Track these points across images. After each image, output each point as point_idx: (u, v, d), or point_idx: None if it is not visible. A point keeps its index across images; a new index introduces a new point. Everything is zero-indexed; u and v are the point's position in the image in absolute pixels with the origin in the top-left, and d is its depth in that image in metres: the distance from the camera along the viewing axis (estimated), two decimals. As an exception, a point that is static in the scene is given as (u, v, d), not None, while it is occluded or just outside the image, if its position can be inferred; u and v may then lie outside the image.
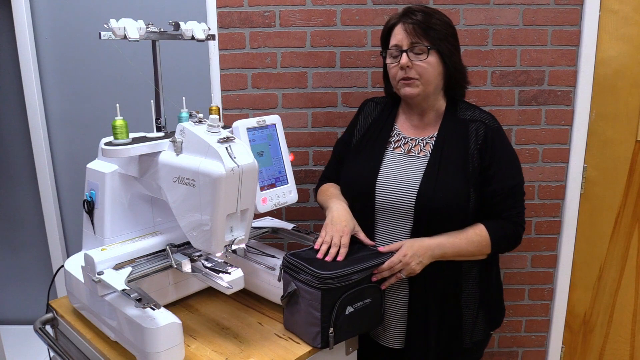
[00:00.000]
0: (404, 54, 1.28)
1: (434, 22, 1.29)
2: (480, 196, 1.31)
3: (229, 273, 1.09)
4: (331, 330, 1.15)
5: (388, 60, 1.34)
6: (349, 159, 1.44)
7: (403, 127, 1.41)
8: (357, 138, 1.46)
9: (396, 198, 1.30)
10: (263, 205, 1.24)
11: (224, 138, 1.04)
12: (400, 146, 1.38)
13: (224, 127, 1.16)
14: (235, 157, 1.02)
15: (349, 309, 1.17)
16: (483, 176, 1.31)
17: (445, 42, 1.30)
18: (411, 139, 1.37)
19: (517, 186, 1.35)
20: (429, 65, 1.28)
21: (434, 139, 1.35)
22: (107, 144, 1.14)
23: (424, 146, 1.35)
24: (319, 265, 1.17)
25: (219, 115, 1.19)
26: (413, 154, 1.35)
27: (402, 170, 1.34)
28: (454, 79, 1.34)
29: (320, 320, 1.14)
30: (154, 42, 1.24)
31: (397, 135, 1.40)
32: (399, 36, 1.30)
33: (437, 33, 1.28)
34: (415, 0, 1.81)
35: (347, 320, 1.17)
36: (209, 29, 1.30)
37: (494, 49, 1.85)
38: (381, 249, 1.28)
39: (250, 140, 1.22)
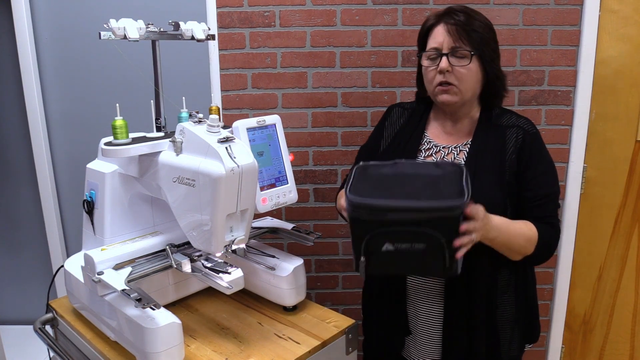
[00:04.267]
0: (444, 58, 1.20)
1: (477, 25, 1.21)
2: (517, 205, 1.23)
3: (229, 273, 1.09)
4: (362, 259, 1.04)
5: (425, 63, 1.25)
6: None
7: (434, 134, 1.33)
8: (384, 146, 1.38)
9: None
10: (263, 205, 1.24)
11: (224, 138, 1.04)
12: (432, 154, 1.30)
13: (224, 127, 1.16)
14: (235, 157, 1.02)
15: (388, 246, 1.03)
16: (521, 180, 1.22)
17: (487, 47, 1.22)
18: (443, 147, 1.29)
19: (557, 192, 1.28)
20: (470, 71, 1.21)
21: (468, 146, 1.27)
22: (107, 144, 1.14)
23: (457, 154, 1.28)
24: (370, 187, 1.03)
25: (219, 115, 1.19)
26: None
27: None
28: (493, 87, 1.26)
29: (352, 244, 1.05)
30: (154, 42, 1.24)
31: (427, 144, 1.32)
32: (439, 38, 1.22)
33: (480, 36, 1.20)
34: (416, 0, 1.81)
35: (385, 256, 1.03)
36: (209, 29, 1.30)
37: (494, 49, 1.85)
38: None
39: (250, 140, 1.22)
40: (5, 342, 1.95)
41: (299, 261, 1.32)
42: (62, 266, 1.32)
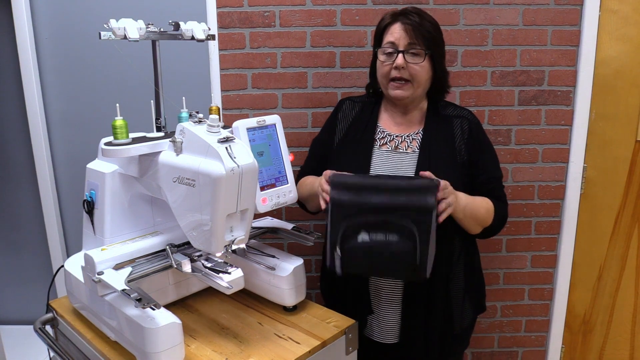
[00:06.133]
0: (400, 55, 1.29)
1: (428, 26, 1.31)
2: (470, 187, 1.35)
3: (229, 273, 1.09)
4: (338, 251, 1.09)
5: (382, 58, 1.34)
6: (333, 159, 1.44)
7: (386, 124, 1.43)
8: (339, 137, 1.46)
9: None
10: (263, 205, 1.24)
11: (224, 138, 1.04)
12: (386, 143, 1.39)
13: (224, 127, 1.16)
14: (235, 157, 1.02)
15: (364, 237, 1.07)
16: (473, 168, 1.36)
17: (437, 47, 1.33)
18: (396, 136, 1.39)
19: (501, 176, 1.44)
20: (423, 68, 1.31)
21: (420, 135, 1.38)
22: (107, 144, 1.14)
23: (410, 142, 1.37)
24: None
25: (219, 115, 1.19)
26: (401, 150, 1.37)
27: (393, 166, 1.35)
28: (440, 83, 1.39)
29: (329, 235, 1.10)
30: (154, 42, 1.24)
31: (381, 133, 1.41)
32: (396, 34, 1.31)
33: (431, 37, 1.31)
34: (416, 1, 1.82)
35: (360, 250, 1.08)
36: (209, 29, 1.30)
37: (494, 49, 1.85)
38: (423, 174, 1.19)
39: (250, 140, 1.22)
40: (5, 342, 1.95)
41: (299, 261, 1.32)
42: (62, 266, 1.32)
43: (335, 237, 1.10)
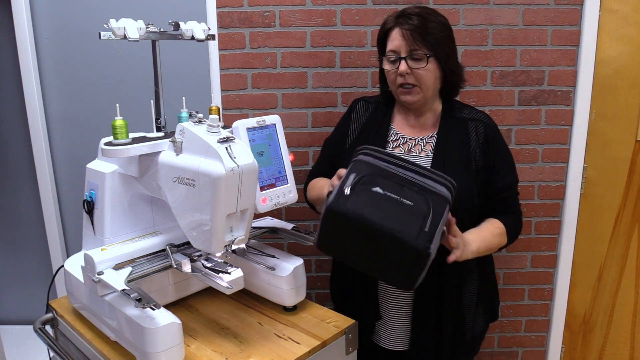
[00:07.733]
0: (403, 61, 1.26)
1: (431, 26, 1.27)
2: (484, 193, 1.32)
3: (229, 273, 1.09)
4: (347, 190, 1.04)
5: (386, 66, 1.32)
6: (345, 160, 1.42)
7: (399, 126, 1.40)
8: (351, 138, 1.44)
9: None
10: (263, 205, 1.24)
11: (224, 138, 1.04)
12: (399, 146, 1.37)
13: (224, 127, 1.16)
14: (235, 157, 1.02)
15: (378, 189, 1.05)
16: (488, 173, 1.32)
17: (443, 46, 1.28)
18: (410, 139, 1.37)
19: (518, 179, 1.40)
20: (428, 71, 1.27)
21: (434, 138, 1.35)
22: (107, 144, 1.14)
23: (424, 146, 1.35)
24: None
25: (219, 115, 1.19)
26: (414, 154, 1.34)
27: None
28: (451, 81, 1.35)
29: (344, 177, 1.07)
30: (153, 42, 1.24)
31: (394, 135, 1.38)
32: (396, 42, 1.28)
33: (434, 38, 1.26)
34: (416, 0, 1.82)
35: (369, 197, 1.04)
36: (209, 29, 1.30)
37: (494, 49, 1.85)
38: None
39: (250, 140, 1.22)
40: (5, 342, 1.96)
41: (299, 261, 1.32)
42: (62, 266, 1.32)
43: (346, 181, 1.05)
